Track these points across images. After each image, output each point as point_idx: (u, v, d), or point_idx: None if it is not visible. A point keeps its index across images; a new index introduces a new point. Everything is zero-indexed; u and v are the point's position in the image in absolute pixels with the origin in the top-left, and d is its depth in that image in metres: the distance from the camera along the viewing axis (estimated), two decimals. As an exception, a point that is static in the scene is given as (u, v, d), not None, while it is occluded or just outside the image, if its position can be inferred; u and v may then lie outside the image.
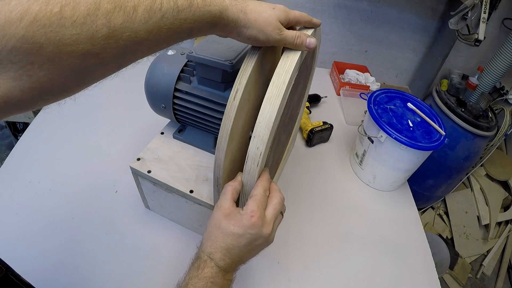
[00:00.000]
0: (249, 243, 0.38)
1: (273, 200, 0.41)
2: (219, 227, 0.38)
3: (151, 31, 0.27)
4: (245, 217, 0.38)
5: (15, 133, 1.58)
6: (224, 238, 0.38)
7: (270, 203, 0.41)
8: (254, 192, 0.40)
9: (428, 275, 0.65)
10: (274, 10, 0.37)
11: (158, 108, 0.59)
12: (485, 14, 1.15)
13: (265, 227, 0.38)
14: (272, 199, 0.41)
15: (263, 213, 0.39)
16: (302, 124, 0.89)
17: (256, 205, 0.38)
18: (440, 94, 1.43)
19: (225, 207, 0.39)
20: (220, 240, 0.38)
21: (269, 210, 0.40)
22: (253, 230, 0.37)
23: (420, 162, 0.74)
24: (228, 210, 0.39)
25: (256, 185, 0.41)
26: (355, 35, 1.62)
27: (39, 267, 0.54)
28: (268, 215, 0.40)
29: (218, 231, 0.38)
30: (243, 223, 0.37)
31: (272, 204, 0.41)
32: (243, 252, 0.38)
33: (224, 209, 0.39)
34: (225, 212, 0.39)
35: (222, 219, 0.38)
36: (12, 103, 0.23)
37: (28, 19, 0.21)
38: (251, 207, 0.38)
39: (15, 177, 0.68)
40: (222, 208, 0.39)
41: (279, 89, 0.38)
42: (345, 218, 0.72)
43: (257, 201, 0.39)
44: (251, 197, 0.40)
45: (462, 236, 1.62)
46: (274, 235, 0.41)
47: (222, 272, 0.37)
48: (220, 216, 0.39)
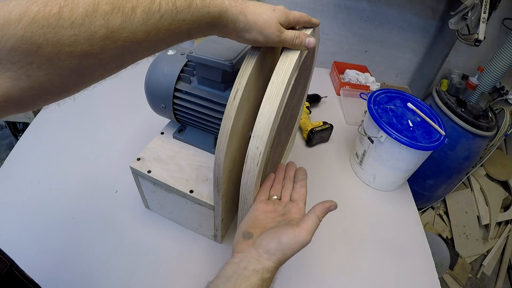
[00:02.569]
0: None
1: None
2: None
3: (149, 32, 0.27)
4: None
5: (15, 133, 1.58)
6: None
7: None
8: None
9: (428, 275, 0.65)
10: (274, 11, 0.37)
11: (158, 108, 0.59)
12: (485, 14, 1.15)
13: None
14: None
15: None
16: (302, 124, 0.89)
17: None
18: (440, 94, 1.43)
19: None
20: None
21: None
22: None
23: (420, 162, 0.74)
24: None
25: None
26: (355, 35, 1.62)
27: (39, 267, 0.54)
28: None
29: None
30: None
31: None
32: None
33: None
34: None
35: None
36: (11, 102, 0.24)
37: (27, 19, 0.21)
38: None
39: (15, 177, 0.68)
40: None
41: (278, 89, 0.38)
42: (345, 218, 0.72)
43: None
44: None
45: (462, 236, 1.62)
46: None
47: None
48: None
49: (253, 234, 0.40)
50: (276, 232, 0.38)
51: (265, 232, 0.39)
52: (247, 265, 0.36)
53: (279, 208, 0.44)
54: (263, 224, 0.41)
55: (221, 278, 0.36)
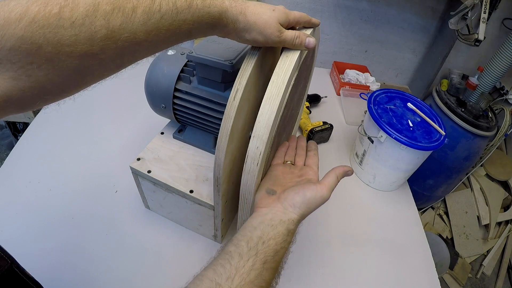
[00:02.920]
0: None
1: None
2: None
3: (150, 32, 0.27)
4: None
5: (15, 133, 1.58)
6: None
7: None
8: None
9: (428, 275, 0.65)
10: (274, 11, 0.37)
11: (158, 108, 0.59)
12: (485, 14, 1.15)
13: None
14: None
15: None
16: (302, 124, 0.89)
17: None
18: (440, 94, 1.43)
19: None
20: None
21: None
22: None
23: (420, 162, 0.74)
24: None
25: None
26: (355, 35, 1.62)
27: (39, 267, 0.54)
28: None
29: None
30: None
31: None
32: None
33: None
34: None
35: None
36: (11, 102, 0.24)
37: (27, 19, 0.21)
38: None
39: (15, 177, 0.68)
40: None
41: (278, 89, 0.38)
42: (345, 218, 0.72)
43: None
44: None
45: (462, 236, 1.62)
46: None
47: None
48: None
49: (276, 191, 0.43)
50: (301, 188, 0.41)
51: (289, 189, 0.42)
52: (273, 217, 0.38)
53: (295, 171, 0.48)
54: (283, 183, 0.44)
55: (248, 227, 0.38)
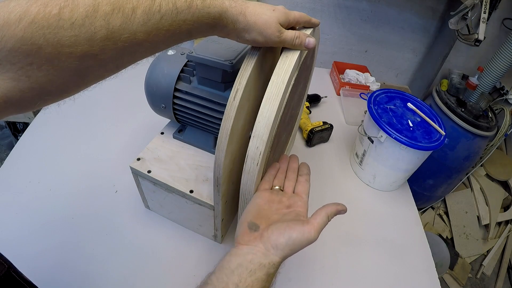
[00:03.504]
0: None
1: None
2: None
3: (149, 32, 0.27)
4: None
5: (15, 133, 1.58)
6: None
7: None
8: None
9: (428, 275, 0.65)
10: (274, 12, 0.37)
11: (158, 108, 0.59)
12: (485, 14, 1.15)
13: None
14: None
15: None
16: (302, 124, 0.90)
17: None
18: (440, 94, 1.43)
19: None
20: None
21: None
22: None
23: (420, 162, 0.74)
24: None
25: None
26: (355, 35, 1.62)
27: (39, 267, 0.54)
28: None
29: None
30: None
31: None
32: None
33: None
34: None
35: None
36: (11, 103, 0.24)
37: (27, 20, 0.21)
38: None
39: (15, 177, 0.68)
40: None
41: (278, 89, 0.38)
42: (345, 218, 0.72)
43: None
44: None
45: (462, 236, 1.62)
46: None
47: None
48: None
49: (259, 226, 0.39)
50: (286, 227, 0.37)
51: (273, 225, 0.38)
52: (253, 259, 0.35)
53: (283, 199, 0.43)
54: (268, 215, 0.41)
55: (225, 270, 0.35)
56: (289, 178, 0.47)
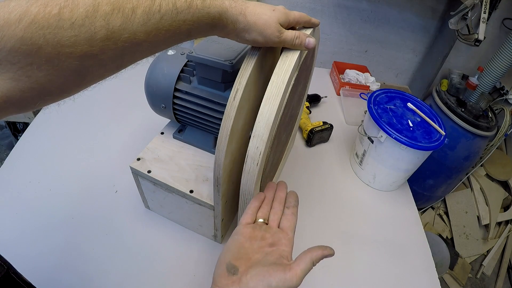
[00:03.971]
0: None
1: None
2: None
3: (149, 32, 0.27)
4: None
5: (15, 133, 1.58)
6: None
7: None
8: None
9: (428, 275, 0.65)
10: (274, 12, 0.37)
11: (158, 108, 0.59)
12: (485, 14, 1.15)
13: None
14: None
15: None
16: (302, 124, 0.90)
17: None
18: (440, 94, 1.43)
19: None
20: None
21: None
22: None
23: (420, 162, 0.74)
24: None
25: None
26: (355, 35, 1.62)
27: (39, 267, 0.54)
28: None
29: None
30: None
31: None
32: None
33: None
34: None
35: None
36: (11, 103, 0.24)
37: (27, 20, 0.21)
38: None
39: (15, 177, 0.68)
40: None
41: (278, 89, 0.38)
42: (345, 218, 0.72)
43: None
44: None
45: (462, 236, 1.62)
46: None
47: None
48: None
49: (238, 268, 0.36)
50: (266, 273, 0.34)
51: (253, 269, 0.35)
52: None
53: (266, 235, 0.40)
54: (249, 254, 0.37)
55: None
56: (275, 211, 0.43)
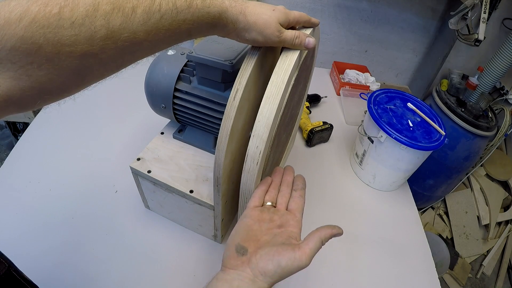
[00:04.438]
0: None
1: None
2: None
3: (149, 32, 0.28)
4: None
5: (15, 133, 1.58)
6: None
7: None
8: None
9: (428, 275, 0.65)
10: (274, 11, 0.37)
11: (158, 108, 0.59)
12: (485, 14, 1.15)
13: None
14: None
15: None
16: (302, 124, 0.90)
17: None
18: (440, 94, 1.43)
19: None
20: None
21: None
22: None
23: (420, 162, 0.74)
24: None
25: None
26: (355, 35, 1.62)
27: (39, 266, 0.54)
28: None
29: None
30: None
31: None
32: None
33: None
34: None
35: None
36: (11, 102, 0.24)
37: (27, 19, 0.21)
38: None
39: (15, 177, 0.68)
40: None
41: (278, 89, 0.38)
42: (345, 218, 0.72)
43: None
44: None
45: (462, 236, 1.62)
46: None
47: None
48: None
49: (247, 249, 0.36)
50: (275, 252, 0.35)
51: (262, 249, 0.36)
52: (240, 285, 0.33)
53: (275, 217, 0.40)
54: (257, 236, 0.38)
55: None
56: (282, 194, 0.44)
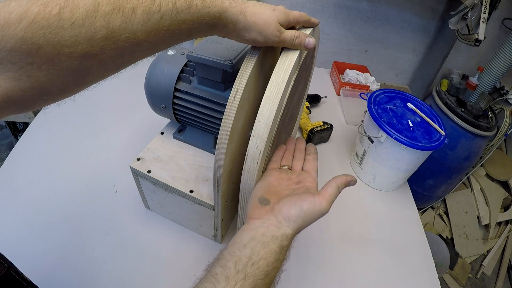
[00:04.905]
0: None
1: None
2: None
3: (149, 32, 0.28)
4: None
5: (15, 133, 1.58)
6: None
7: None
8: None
9: (428, 275, 0.65)
10: (274, 11, 0.37)
11: (158, 108, 0.59)
12: (485, 14, 1.15)
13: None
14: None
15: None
16: (302, 124, 0.90)
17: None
18: (440, 94, 1.43)
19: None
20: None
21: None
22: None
23: (420, 162, 0.74)
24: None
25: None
26: (355, 35, 1.62)
27: (39, 266, 0.54)
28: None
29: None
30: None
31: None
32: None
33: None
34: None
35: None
36: (11, 102, 0.24)
37: (27, 20, 0.21)
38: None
39: (15, 177, 0.68)
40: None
41: (278, 88, 0.38)
42: (345, 218, 0.72)
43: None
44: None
45: (462, 236, 1.62)
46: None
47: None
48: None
49: (270, 200, 0.39)
50: (297, 199, 0.37)
51: (284, 199, 0.38)
52: (265, 232, 0.35)
53: (292, 177, 0.43)
54: (278, 191, 0.40)
55: (237, 245, 0.35)
56: (296, 158, 0.47)
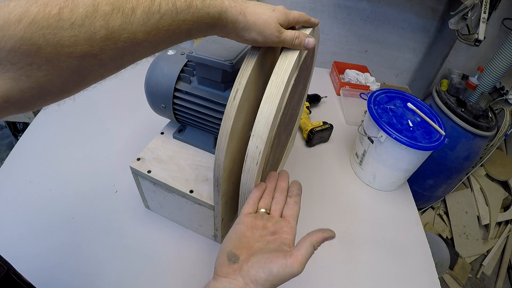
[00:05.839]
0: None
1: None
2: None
3: (149, 32, 0.28)
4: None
5: (15, 133, 1.58)
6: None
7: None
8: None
9: (428, 275, 0.65)
10: (273, 12, 0.37)
11: (158, 108, 0.59)
12: (485, 14, 1.15)
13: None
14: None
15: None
16: (302, 124, 0.90)
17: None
18: (440, 94, 1.43)
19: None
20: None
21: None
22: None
23: (420, 162, 0.74)
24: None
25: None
26: (355, 35, 1.62)
27: (39, 267, 0.54)
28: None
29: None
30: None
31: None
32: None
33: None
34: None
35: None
36: (11, 103, 0.24)
37: (27, 20, 0.21)
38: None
39: (15, 177, 0.68)
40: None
41: (277, 88, 0.38)
42: (345, 218, 0.72)
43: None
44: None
45: (462, 236, 1.62)
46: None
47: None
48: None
49: (239, 257, 0.35)
50: (267, 260, 0.34)
51: (254, 257, 0.35)
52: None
53: (268, 224, 0.40)
54: (250, 243, 0.37)
55: None
56: (276, 201, 0.43)
